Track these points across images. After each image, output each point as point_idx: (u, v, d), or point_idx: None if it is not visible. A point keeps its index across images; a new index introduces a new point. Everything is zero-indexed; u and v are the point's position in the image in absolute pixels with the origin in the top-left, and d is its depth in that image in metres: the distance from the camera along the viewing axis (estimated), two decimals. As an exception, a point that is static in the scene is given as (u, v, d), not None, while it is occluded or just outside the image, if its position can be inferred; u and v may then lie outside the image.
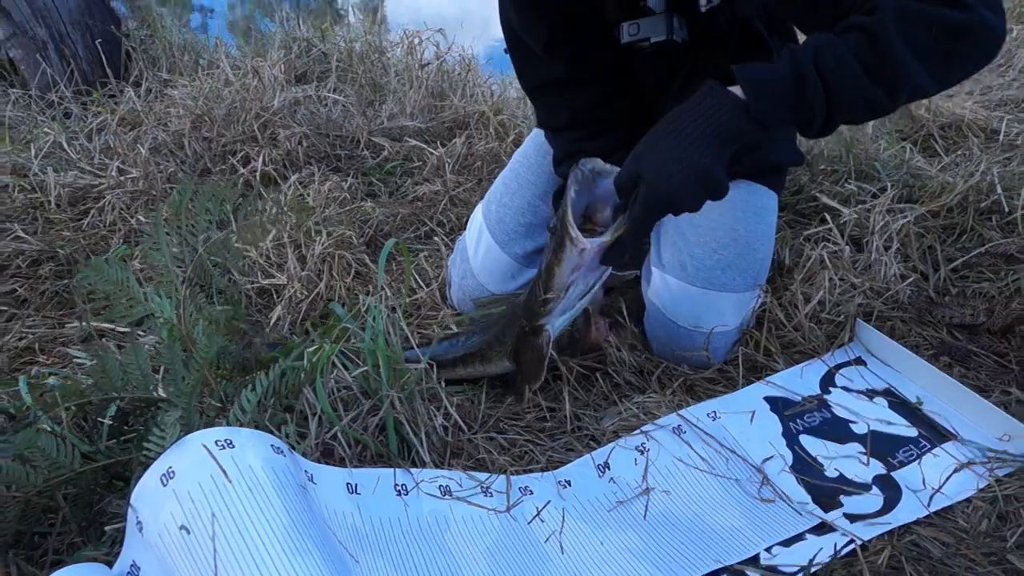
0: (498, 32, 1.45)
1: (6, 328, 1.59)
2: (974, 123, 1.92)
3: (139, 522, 0.87)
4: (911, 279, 1.43)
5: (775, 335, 1.39)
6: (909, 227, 1.52)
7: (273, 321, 1.53)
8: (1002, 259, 1.49)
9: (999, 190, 1.58)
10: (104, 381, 0.97)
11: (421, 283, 1.65)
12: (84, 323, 1.47)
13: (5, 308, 1.65)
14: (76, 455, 0.96)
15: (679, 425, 1.25)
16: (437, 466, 1.13)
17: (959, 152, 1.81)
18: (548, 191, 1.51)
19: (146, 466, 0.89)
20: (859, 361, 1.37)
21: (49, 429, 0.97)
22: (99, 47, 2.54)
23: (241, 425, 0.96)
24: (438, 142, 2.25)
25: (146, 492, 0.87)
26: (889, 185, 1.56)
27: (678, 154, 0.95)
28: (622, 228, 1.02)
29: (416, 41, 2.62)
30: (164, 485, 0.86)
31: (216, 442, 0.88)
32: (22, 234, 1.79)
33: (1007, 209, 1.57)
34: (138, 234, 1.80)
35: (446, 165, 2.12)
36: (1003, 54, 2.45)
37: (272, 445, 0.93)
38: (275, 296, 1.62)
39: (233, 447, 0.88)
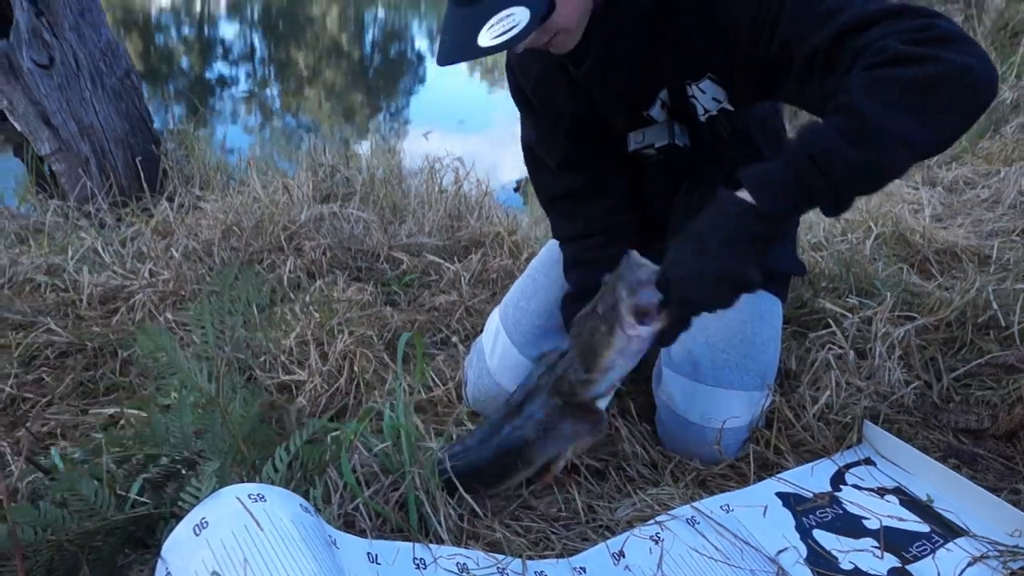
0: (506, 174, 1.57)
1: (30, 414, 1.62)
2: (967, 249, 2.02)
3: (168, 573, 0.88)
4: (915, 384, 1.48)
5: (784, 434, 1.42)
6: (911, 338, 1.59)
7: (293, 414, 1.57)
8: (1003, 369, 1.54)
9: (995, 305, 1.65)
10: (148, 435, 1.01)
11: (438, 382, 1.69)
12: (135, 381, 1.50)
13: (31, 395, 1.69)
14: (112, 504, 0.98)
15: (693, 516, 1.26)
16: (454, 545, 1.14)
17: (954, 273, 1.91)
18: (560, 297, 1.58)
19: (179, 518, 0.92)
20: (868, 461, 1.40)
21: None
22: (138, 164, 2.70)
23: (273, 483, 0.99)
24: (455, 258, 2.35)
25: (177, 542, 0.89)
26: (888, 295, 1.63)
27: (698, 261, 1.04)
28: (663, 323, 1.09)
29: (436, 166, 2.79)
30: (197, 535, 0.88)
31: (249, 495, 0.91)
32: (54, 327, 1.85)
33: (1004, 324, 1.64)
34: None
35: (462, 279, 2.21)
36: (992, 192, 2.59)
37: (301, 504, 0.96)
38: (295, 391, 1.66)
39: (265, 501, 0.91)
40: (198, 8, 15.57)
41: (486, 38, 1.01)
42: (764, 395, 1.42)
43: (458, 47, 1.05)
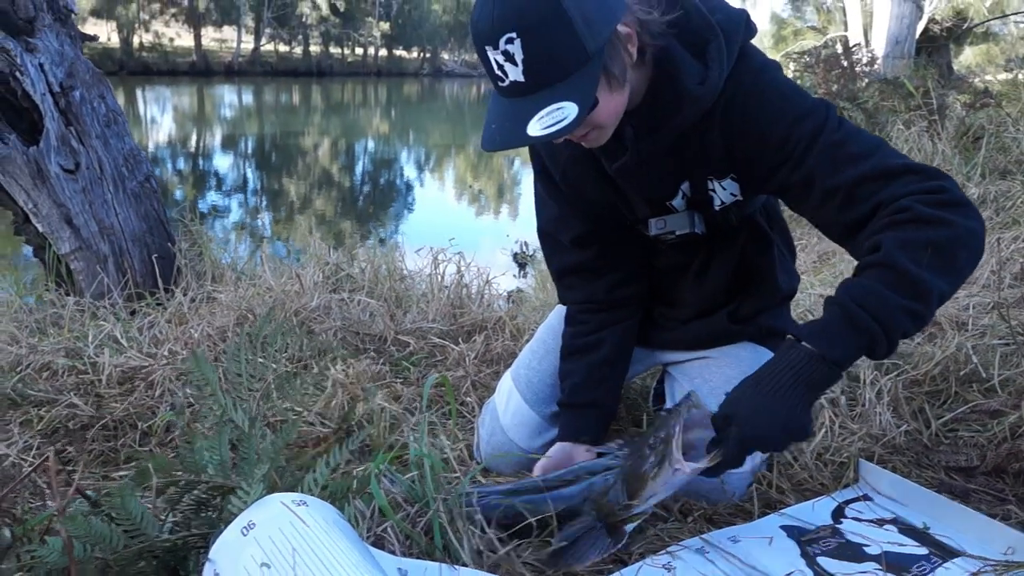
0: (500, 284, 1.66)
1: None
2: (946, 316, 2.15)
3: (216, 573, 0.94)
4: (905, 426, 1.57)
5: (786, 474, 1.49)
6: (898, 389, 1.68)
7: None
8: (987, 414, 1.63)
9: (975, 360, 1.76)
10: (190, 462, 1.08)
11: (447, 442, 1.76)
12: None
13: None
14: (155, 526, 1.04)
15: (702, 547, 1.32)
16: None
17: (935, 337, 2.02)
18: None
19: (228, 522, 0.98)
20: (866, 497, 1.46)
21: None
22: (154, 261, 2.83)
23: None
24: (459, 340, 2.44)
25: (226, 544, 0.96)
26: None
27: (766, 404, 1.13)
28: (717, 460, 1.16)
29: (439, 257, 2.93)
30: (245, 535, 0.95)
31: (292, 501, 0.98)
32: (75, 401, 1.92)
33: (985, 376, 1.74)
34: (187, 402, 1.93)
35: (467, 357, 2.30)
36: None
37: (338, 513, 1.03)
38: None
39: (307, 505, 0.98)
40: (193, 143, 16.21)
41: (536, 128, 1.11)
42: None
43: (507, 133, 1.14)
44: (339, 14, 44.62)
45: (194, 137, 17.41)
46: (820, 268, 3.17)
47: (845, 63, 5.54)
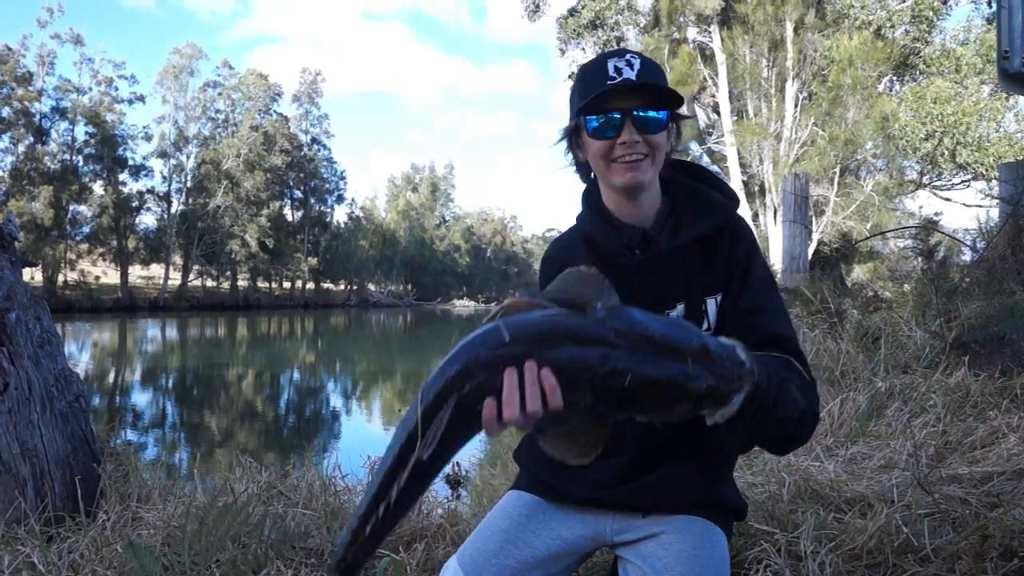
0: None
1: None
2: (873, 494, 2.23)
3: None
4: (851, 597, 1.59)
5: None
6: (839, 563, 1.72)
7: None
8: (925, 582, 1.67)
9: (905, 530, 1.82)
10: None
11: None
12: None
13: None
14: None
15: None
16: None
17: (865, 512, 2.09)
18: (518, 536, 1.66)
19: None
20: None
21: None
22: (77, 483, 2.71)
23: None
24: (400, 548, 2.38)
25: None
26: (812, 519, 1.79)
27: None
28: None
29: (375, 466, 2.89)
30: None
31: None
32: (-14, 631, 1.77)
33: (917, 544, 1.80)
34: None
35: (408, 566, 2.23)
36: (887, 461, 2.87)
37: None
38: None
39: None
40: (111, 378, 15.87)
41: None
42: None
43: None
44: (268, 251, 46.00)
45: (112, 372, 17.06)
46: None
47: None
